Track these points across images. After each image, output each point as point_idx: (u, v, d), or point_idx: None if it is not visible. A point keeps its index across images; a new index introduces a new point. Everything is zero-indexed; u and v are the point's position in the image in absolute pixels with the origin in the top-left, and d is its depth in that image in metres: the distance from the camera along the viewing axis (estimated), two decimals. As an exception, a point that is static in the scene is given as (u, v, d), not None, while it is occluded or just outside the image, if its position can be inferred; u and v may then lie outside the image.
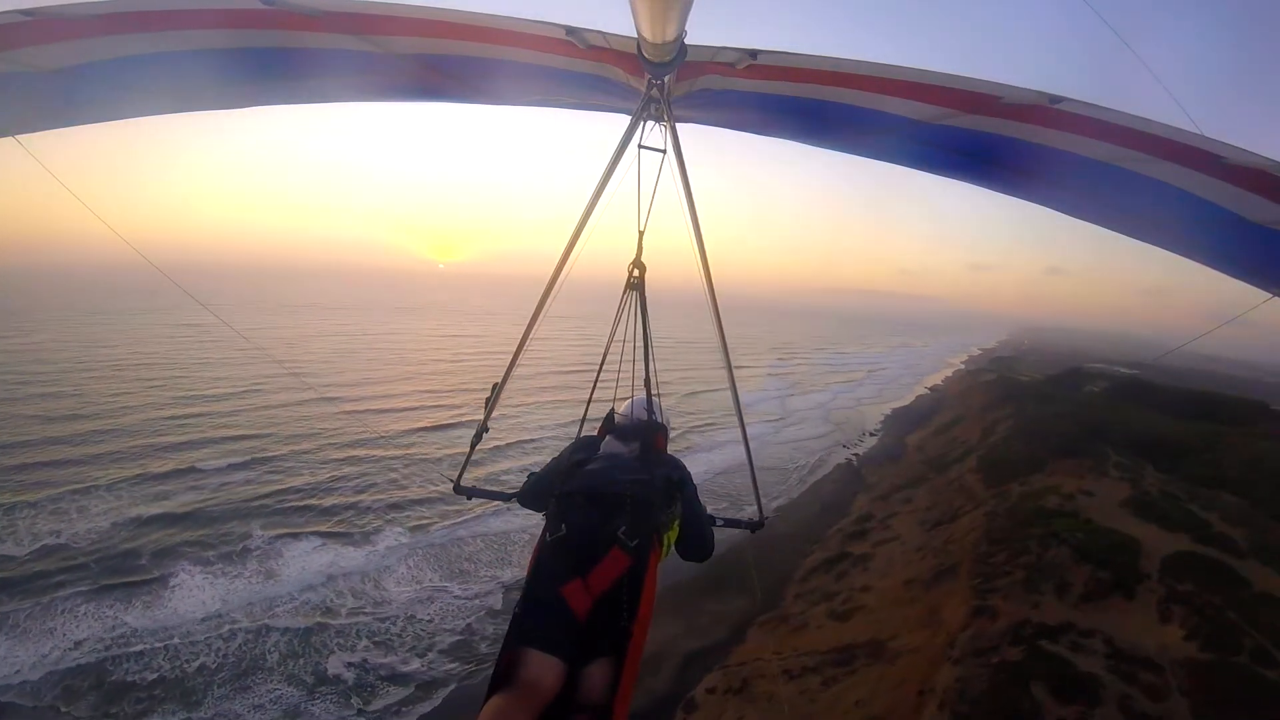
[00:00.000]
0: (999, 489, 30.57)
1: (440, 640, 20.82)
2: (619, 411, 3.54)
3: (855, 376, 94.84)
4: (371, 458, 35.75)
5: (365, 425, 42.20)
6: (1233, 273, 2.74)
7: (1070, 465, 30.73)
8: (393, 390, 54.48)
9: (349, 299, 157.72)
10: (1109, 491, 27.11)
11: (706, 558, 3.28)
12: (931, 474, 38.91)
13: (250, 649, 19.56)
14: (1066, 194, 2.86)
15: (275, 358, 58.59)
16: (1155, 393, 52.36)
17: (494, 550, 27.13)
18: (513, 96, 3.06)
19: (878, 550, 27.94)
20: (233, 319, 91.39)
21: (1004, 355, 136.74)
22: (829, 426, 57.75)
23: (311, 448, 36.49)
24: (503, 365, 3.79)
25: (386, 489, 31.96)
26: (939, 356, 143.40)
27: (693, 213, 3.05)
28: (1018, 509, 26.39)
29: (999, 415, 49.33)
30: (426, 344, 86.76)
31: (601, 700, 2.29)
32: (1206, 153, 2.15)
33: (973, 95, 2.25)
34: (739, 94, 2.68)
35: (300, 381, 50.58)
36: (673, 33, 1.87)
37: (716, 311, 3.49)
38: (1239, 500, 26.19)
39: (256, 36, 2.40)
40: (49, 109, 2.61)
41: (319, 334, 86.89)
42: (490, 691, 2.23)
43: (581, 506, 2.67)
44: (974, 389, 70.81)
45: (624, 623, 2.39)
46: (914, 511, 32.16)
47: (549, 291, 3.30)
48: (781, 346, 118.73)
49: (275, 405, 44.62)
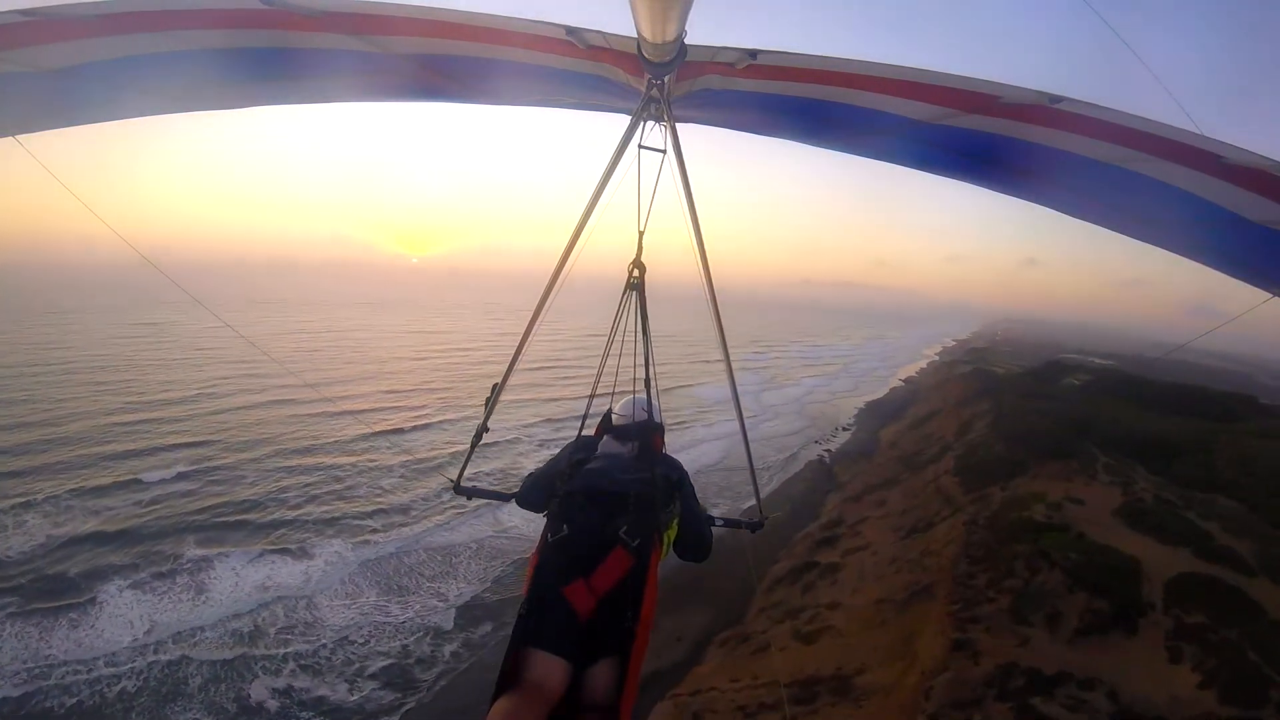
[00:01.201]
0: (979, 493, 28.87)
1: (371, 664, 19.99)
2: (616, 411, 3.54)
3: (831, 369, 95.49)
4: (320, 466, 34.71)
5: (316, 431, 40.75)
6: (1233, 273, 2.74)
7: (1056, 468, 28.95)
8: (352, 391, 53.22)
9: (317, 294, 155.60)
10: (1100, 498, 25.36)
11: (705, 557, 3.29)
12: (905, 474, 37.40)
13: (173, 674, 18.79)
14: (1066, 194, 2.86)
15: (272, 356, 58.43)
16: (1138, 387, 51.12)
17: (438, 564, 26.14)
18: (513, 96, 3.06)
19: (847, 560, 26.25)
20: (192, 315, 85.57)
21: (979, 346, 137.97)
22: (804, 421, 57.33)
23: (259, 455, 35.58)
24: (467, 362, 3.74)
25: (331, 500, 30.93)
26: (913, 348, 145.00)
27: (693, 213, 3.06)
28: (1000, 519, 24.46)
29: (976, 410, 48.15)
30: (391, 340, 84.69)
31: (607, 700, 2.30)
32: (1206, 153, 2.14)
33: (973, 95, 2.25)
34: (739, 94, 2.68)
35: (285, 382, 49.07)
36: (673, 33, 1.87)
37: (716, 311, 3.49)
38: (1237, 505, 25.10)
39: (256, 36, 2.40)
40: (49, 109, 2.61)
41: (283, 331, 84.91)
42: (497, 693, 2.23)
43: (583, 506, 2.67)
44: (949, 381, 70.25)
45: (628, 622, 2.40)
46: (887, 517, 30.57)
47: (550, 290, 3.30)
48: (758, 339, 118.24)
49: (227, 410, 43.74)
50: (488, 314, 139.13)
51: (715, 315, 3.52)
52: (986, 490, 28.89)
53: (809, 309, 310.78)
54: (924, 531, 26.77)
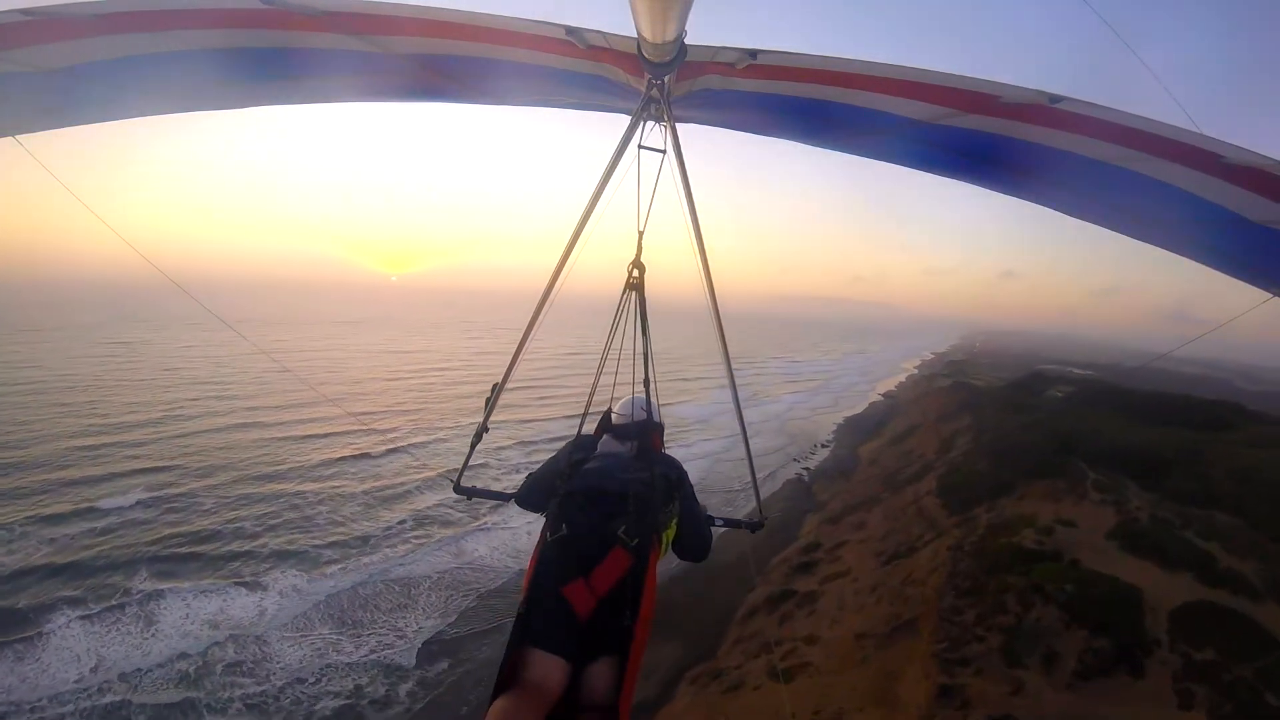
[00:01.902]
0: (963, 515, 27.60)
1: (322, 705, 19.22)
2: (616, 410, 3.54)
3: (811, 385, 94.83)
4: (281, 494, 33.63)
5: (280, 456, 39.58)
6: (1233, 273, 2.74)
7: (1043, 487, 27.71)
8: (319, 413, 50.78)
9: (291, 312, 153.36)
10: (1092, 519, 24.08)
11: (704, 557, 3.29)
12: (886, 493, 36.12)
13: (116, 713, 18.19)
14: (1066, 194, 2.86)
15: (297, 372, 57.66)
16: (1123, 397, 49.20)
17: (396, 597, 25.24)
18: (513, 96, 3.06)
19: (826, 588, 25.14)
20: (163, 334, 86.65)
21: (957, 359, 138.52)
22: (784, 439, 56.17)
23: (220, 482, 34.58)
24: (441, 382, 3.75)
25: (289, 530, 29.90)
26: (892, 362, 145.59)
27: (693, 213, 3.07)
28: (987, 546, 23.14)
29: (957, 426, 47.09)
30: (365, 360, 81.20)
31: (606, 700, 2.31)
32: (1206, 152, 2.15)
33: (972, 95, 2.26)
34: (739, 94, 2.68)
35: (252, 404, 47.81)
36: (673, 33, 1.88)
37: (717, 314, 3.50)
38: (1236, 521, 23.96)
39: (256, 36, 2.41)
40: (49, 109, 2.61)
41: (254, 351, 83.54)
42: (496, 693, 2.23)
43: (582, 506, 2.67)
44: (929, 395, 69.67)
45: (627, 621, 2.41)
46: (867, 540, 29.40)
47: (549, 291, 3.31)
48: (739, 355, 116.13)
49: (191, 434, 42.57)
50: (464, 333, 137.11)
51: (715, 316, 3.53)
52: (971, 512, 27.70)
53: (789, 324, 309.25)
54: (906, 557, 25.72)
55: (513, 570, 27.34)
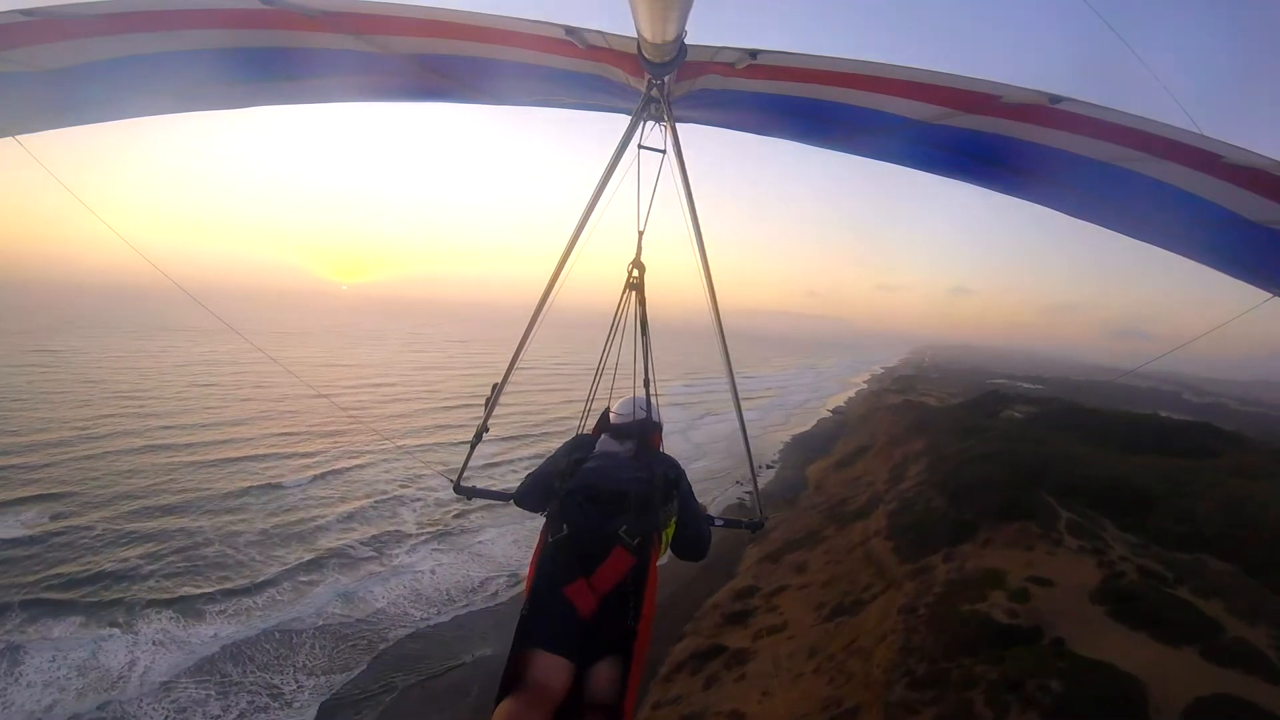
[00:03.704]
0: (917, 564, 24.54)
1: None
2: (615, 410, 3.55)
3: (763, 400, 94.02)
4: (181, 530, 30.82)
5: (187, 484, 36.69)
6: (1233, 273, 2.75)
7: (1010, 532, 24.45)
8: (238, 434, 47.64)
9: (230, 322, 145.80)
10: (1070, 574, 21.09)
11: (703, 557, 3.30)
12: (830, 528, 33.03)
13: None
14: (1066, 194, 2.87)
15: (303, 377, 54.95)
16: (1087, 419, 45.85)
17: (276, 648, 22.98)
18: (512, 96, 3.07)
19: (759, 647, 22.30)
20: (94, 342, 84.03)
21: (907, 374, 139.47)
22: (732, 461, 53.01)
23: (118, 514, 31.59)
24: (376, 399, 3.67)
25: (176, 571, 27.27)
26: (842, 376, 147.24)
27: (693, 213, 3.06)
28: (946, 612, 19.58)
29: (910, 450, 43.44)
30: (298, 373, 76.31)
31: (610, 700, 2.32)
32: (1206, 153, 2.15)
33: (972, 95, 2.26)
34: (739, 94, 2.68)
35: (169, 423, 44.46)
36: (673, 33, 1.88)
37: (717, 314, 3.49)
38: (1230, 569, 21.83)
39: (256, 36, 2.41)
40: (49, 109, 2.62)
41: (184, 362, 77.84)
42: (501, 694, 2.25)
43: (582, 506, 2.67)
44: (879, 411, 68.10)
45: (629, 621, 2.42)
46: (808, 587, 26.47)
47: (548, 291, 3.31)
48: (693, 371, 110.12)
49: (99, 455, 39.34)
50: (409, 346, 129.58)
51: (716, 317, 3.52)
52: (926, 560, 24.54)
53: (744, 338, 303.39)
54: (851, 613, 22.72)
55: (414, 619, 25.33)
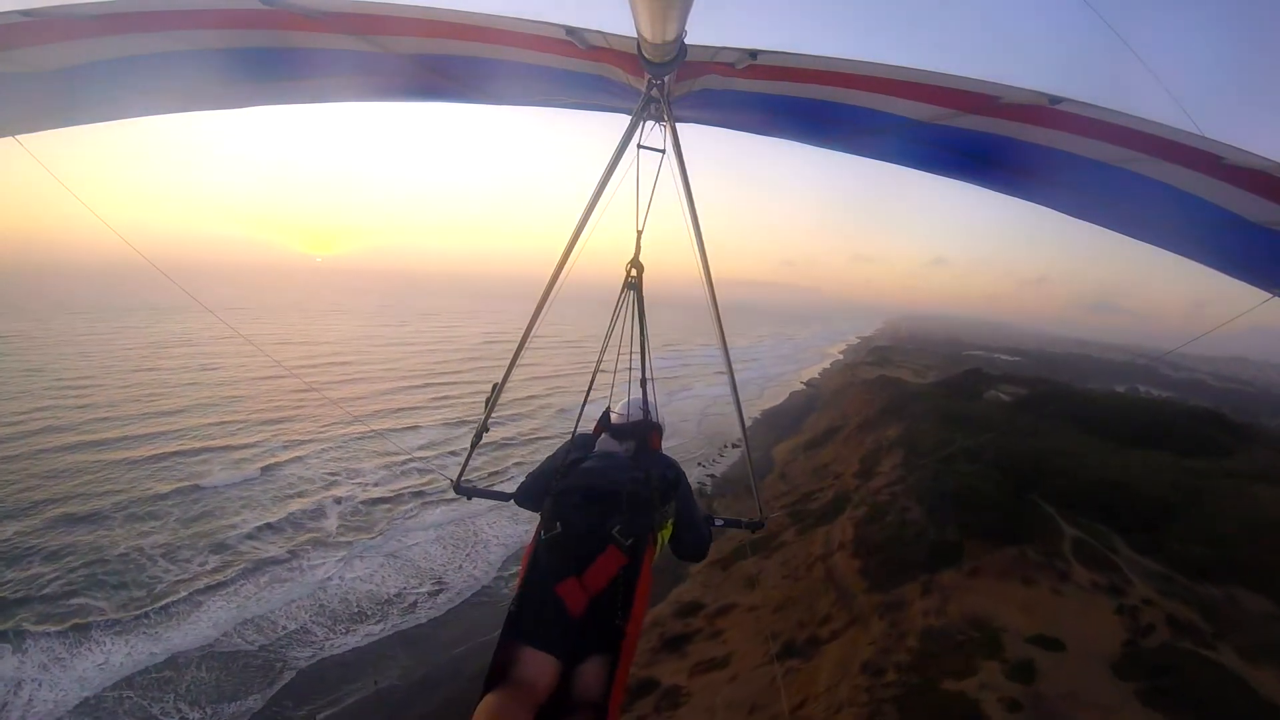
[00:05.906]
0: (888, 595, 20.76)
1: None
2: (614, 410, 3.54)
3: (738, 373, 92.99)
4: (92, 542, 28.77)
5: (109, 484, 34.61)
6: (1233, 273, 2.75)
7: (1004, 560, 20.46)
8: (175, 425, 43.98)
9: (187, 299, 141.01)
10: (1084, 628, 17.01)
11: (702, 557, 3.29)
12: (790, 532, 29.46)
13: None
14: (1066, 194, 2.87)
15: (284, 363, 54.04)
16: (1079, 404, 40.42)
17: (163, 673, 21.65)
18: (513, 96, 3.07)
19: (694, 685, 19.63)
20: (45, 326, 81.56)
21: (882, 345, 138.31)
22: (700, 440, 51.21)
23: (31, 526, 29.52)
24: (331, 379, 3.59)
25: (78, 586, 25.75)
26: (817, 347, 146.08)
27: (692, 213, 3.07)
28: (925, 692, 15.39)
29: (883, 436, 39.19)
30: (251, 354, 69.13)
31: (596, 698, 2.32)
32: (1206, 153, 2.15)
33: (972, 95, 2.26)
34: (739, 94, 2.69)
35: (102, 415, 41.33)
36: (673, 33, 1.88)
37: (717, 312, 3.49)
38: (1265, 603, 18.28)
39: (257, 37, 2.41)
40: (49, 109, 2.62)
41: (132, 345, 73.60)
42: (485, 689, 2.25)
43: (577, 504, 2.67)
44: (852, 387, 65.29)
45: (618, 620, 2.41)
46: (757, 609, 23.13)
47: (549, 290, 3.31)
48: (670, 344, 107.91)
49: (26, 455, 36.93)
50: (376, 319, 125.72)
51: (715, 316, 3.52)
52: (899, 590, 20.85)
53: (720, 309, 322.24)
54: (804, 655, 19.46)
55: (316, 638, 24.01)
